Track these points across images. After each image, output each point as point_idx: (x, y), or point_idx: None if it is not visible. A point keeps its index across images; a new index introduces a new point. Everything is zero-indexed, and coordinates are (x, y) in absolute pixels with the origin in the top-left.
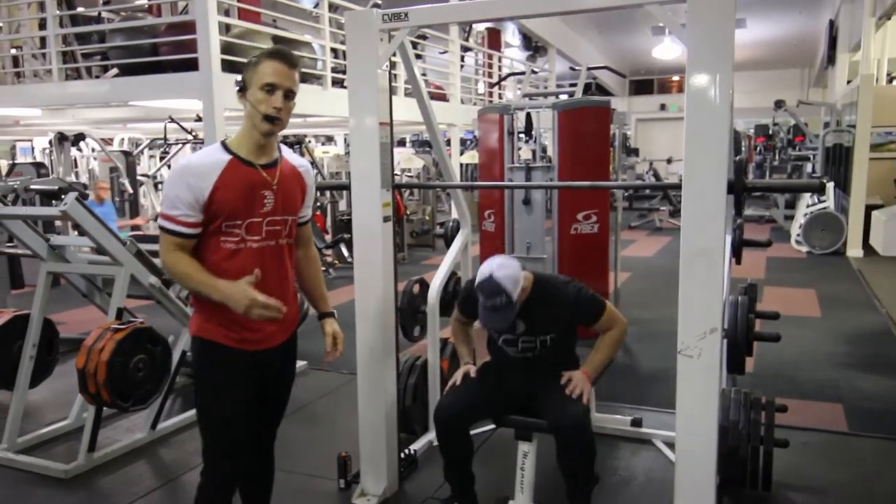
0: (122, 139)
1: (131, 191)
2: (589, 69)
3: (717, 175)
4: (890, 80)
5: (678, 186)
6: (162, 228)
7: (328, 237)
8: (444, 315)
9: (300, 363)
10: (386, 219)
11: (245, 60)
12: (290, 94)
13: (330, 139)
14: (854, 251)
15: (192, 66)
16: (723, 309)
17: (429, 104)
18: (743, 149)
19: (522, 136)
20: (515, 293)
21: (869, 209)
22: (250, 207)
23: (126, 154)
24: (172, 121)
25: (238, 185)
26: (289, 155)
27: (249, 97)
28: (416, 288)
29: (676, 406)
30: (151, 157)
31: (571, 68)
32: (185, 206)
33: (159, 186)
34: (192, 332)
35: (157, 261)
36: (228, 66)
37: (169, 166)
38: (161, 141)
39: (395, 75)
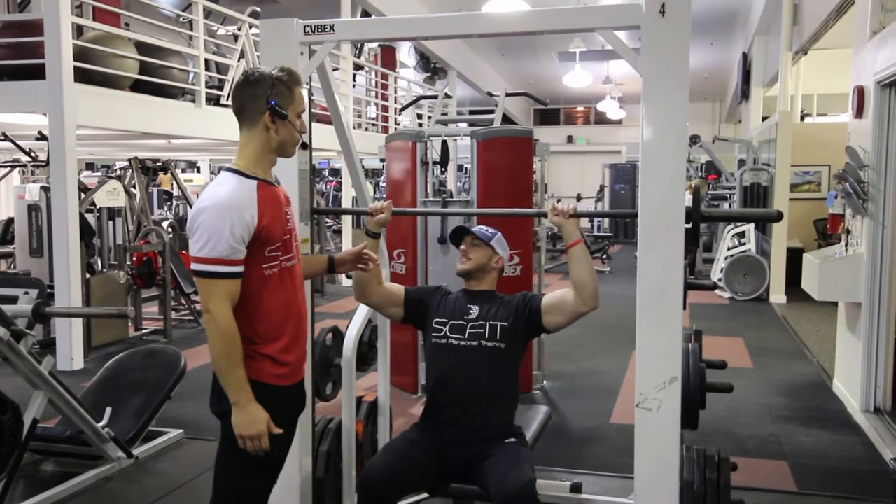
0: None
1: None
2: (508, 95)
3: (675, 207)
4: (803, 118)
5: (633, 215)
6: (214, 275)
7: None
8: (361, 370)
9: (175, 431)
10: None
11: (105, 70)
12: None
13: (192, 165)
14: (777, 297)
15: (35, 73)
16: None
17: (348, 129)
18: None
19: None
20: (494, 238)
21: (789, 252)
22: (284, 227)
23: None
24: (6, 138)
25: (272, 206)
26: None
27: (288, 123)
28: (329, 338)
29: (635, 465)
30: None
31: (489, 94)
32: (238, 242)
33: None
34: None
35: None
36: (82, 76)
37: None
38: None
39: None
